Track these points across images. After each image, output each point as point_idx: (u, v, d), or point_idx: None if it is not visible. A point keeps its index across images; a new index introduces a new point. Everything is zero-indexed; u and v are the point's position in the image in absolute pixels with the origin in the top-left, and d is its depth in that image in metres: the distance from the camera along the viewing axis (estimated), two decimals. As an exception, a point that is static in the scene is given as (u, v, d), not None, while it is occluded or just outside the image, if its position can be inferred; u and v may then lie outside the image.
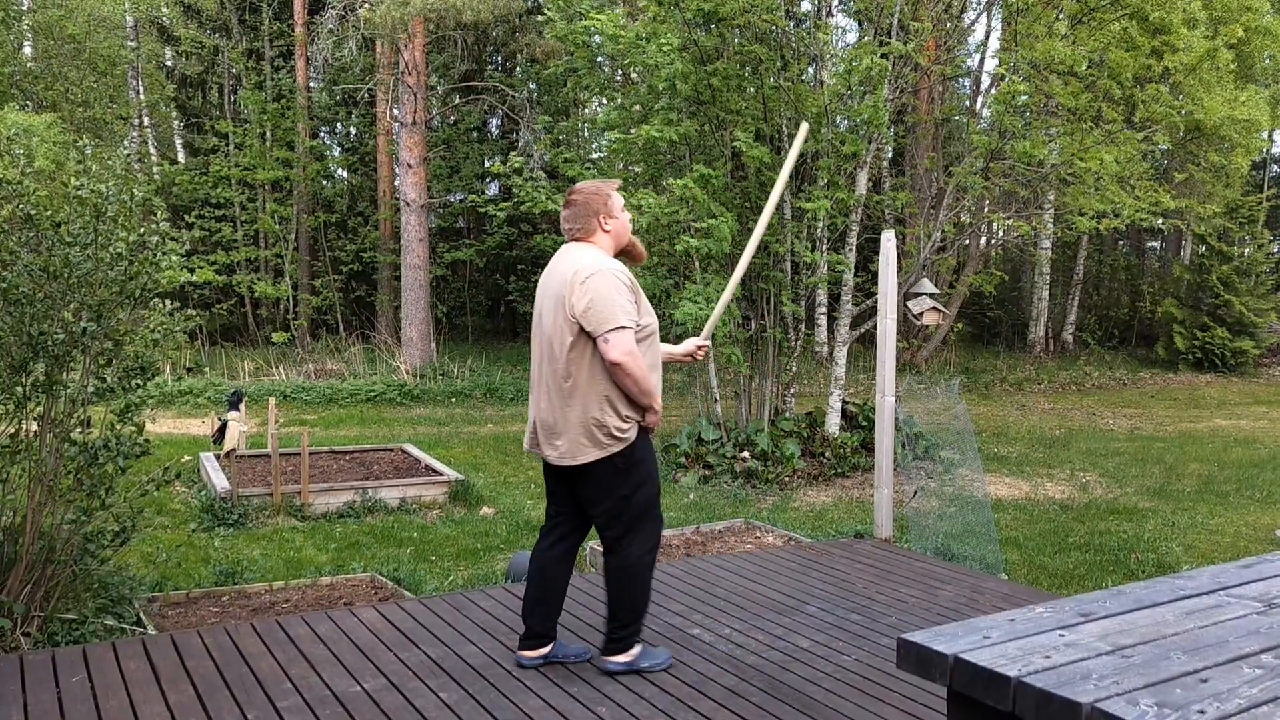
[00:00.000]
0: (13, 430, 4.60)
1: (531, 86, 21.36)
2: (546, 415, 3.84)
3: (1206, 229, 20.76)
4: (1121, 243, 26.67)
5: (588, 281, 3.69)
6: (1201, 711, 1.44)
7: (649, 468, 3.90)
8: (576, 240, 3.93)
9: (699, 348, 4.40)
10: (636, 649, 3.98)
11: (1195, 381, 19.51)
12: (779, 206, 10.15)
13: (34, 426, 4.66)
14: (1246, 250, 21.86)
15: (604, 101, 11.48)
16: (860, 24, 20.61)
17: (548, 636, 4.05)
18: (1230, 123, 12.76)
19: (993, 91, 11.25)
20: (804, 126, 4.65)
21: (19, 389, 4.56)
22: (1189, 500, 8.96)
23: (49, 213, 4.59)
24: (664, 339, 4.44)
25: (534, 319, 3.97)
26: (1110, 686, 1.52)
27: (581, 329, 3.69)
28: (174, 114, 23.55)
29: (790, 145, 4.70)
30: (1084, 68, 10.20)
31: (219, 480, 7.99)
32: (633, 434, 3.79)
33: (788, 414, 10.41)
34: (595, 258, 3.79)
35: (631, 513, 3.85)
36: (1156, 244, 27.47)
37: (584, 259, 3.78)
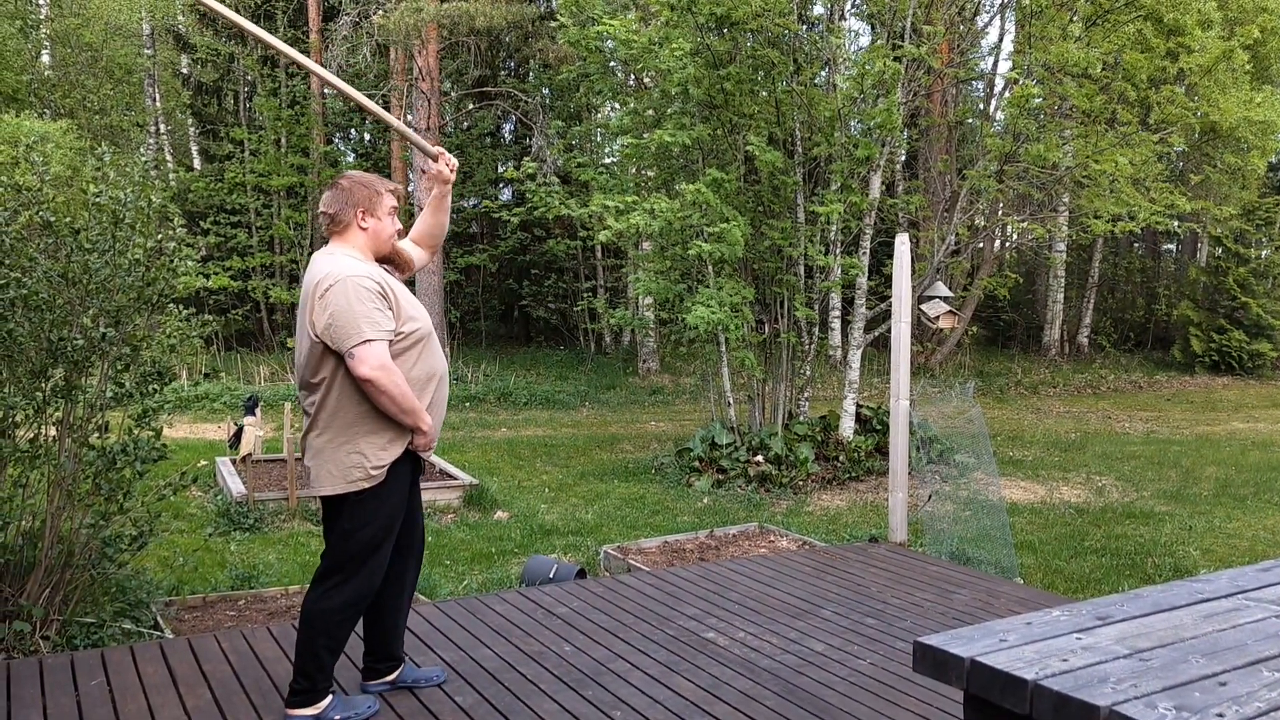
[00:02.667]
0: (32, 435, 4.63)
1: (544, 92, 21.41)
2: (302, 438, 3.51)
3: (1223, 231, 20.65)
4: (1137, 245, 26.55)
5: (327, 294, 3.28)
6: (1220, 715, 1.44)
7: (387, 513, 3.45)
8: (331, 235, 3.53)
9: (446, 164, 3.83)
10: (326, 700, 3.47)
11: (1212, 384, 19.39)
12: (793, 208, 10.15)
13: (53, 431, 4.69)
14: (1264, 252, 21.73)
15: (617, 106, 11.51)
16: (873, 27, 20.60)
17: (393, 661, 3.79)
18: (1246, 124, 12.70)
19: (1006, 94, 11.22)
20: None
21: (38, 394, 4.60)
22: (1206, 504, 8.90)
23: (67, 219, 4.63)
24: (677, 342, 4.43)
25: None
26: (1128, 690, 1.51)
27: (327, 347, 3.30)
28: (189, 121, 23.70)
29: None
30: (1098, 70, 10.16)
31: (235, 484, 8.02)
32: (382, 475, 3.38)
33: (801, 418, 10.40)
34: (340, 264, 3.35)
35: (348, 553, 3.41)
36: (1172, 246, 27.33)
37: (326, 267, 3.36)
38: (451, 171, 3.84)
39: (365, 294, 3.29)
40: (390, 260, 3.65)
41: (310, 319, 3.32)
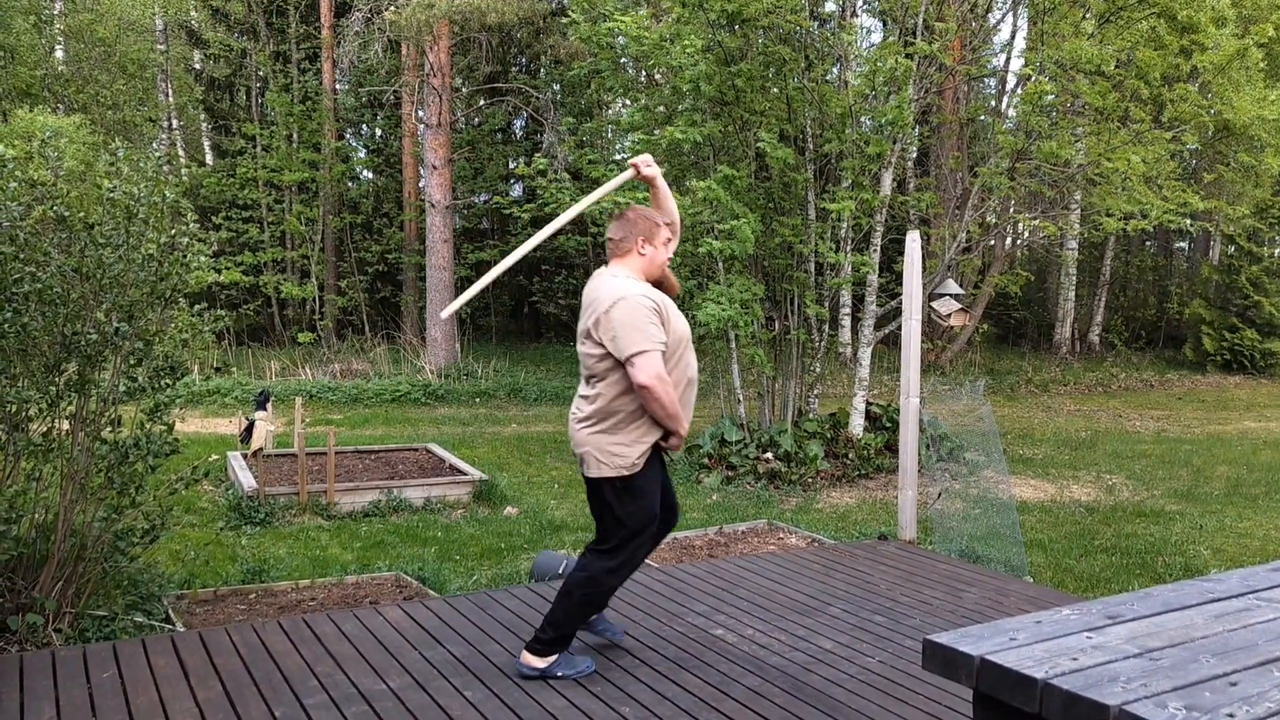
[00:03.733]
0: (45, 429, 4.66)
1: (555, 88, 21.41)
2: (573, 426, 4.02)
3: (1236, 229, 20.54)
4: (1149, 243, 26.43)
5: (613, 309, 3.78)
6: (1231, 715, 1.44)
7: (649, 497, 3.95)
8: (614, 257, 4.06)
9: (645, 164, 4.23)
10: (554, 657, 3.96)
11: (1224, 383, 19.31)
12: (804, 205, 10.13)
13: (66, 425, 4.72)
14: (1277, 251, 21.61)
15: (628, 103, 11.50)
16: (885, 24, 20.53)
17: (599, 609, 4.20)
18: (1260, 122, 12.62)
19: (1019, 91, 11.19)
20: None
21: (52, 388, 4.62)
22: (1217, 503, 8.87)
23: (81, 214, 4.65)
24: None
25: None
26: (1138, 689, 1.51)
27: (608, 353, 3.81)
28: (202, 116, 23.77)
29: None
30: (1111, 67, 10.12)
31: (246, 479, 8.06)
32: (641, 464, 3.88)
33: (811, 415, 10.39)
34: (623, 284, 3.88)
35: (619, 533, 3.94)
36: (1184, 244, 27.21)
37: (612, 286, 3.88)
38: (645, 165, 4.24)
39: (645, 311, 3.81)
40: (659, 284, 4.12)
41: (597, 329, 3.84)
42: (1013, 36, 22.84)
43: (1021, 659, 1.63)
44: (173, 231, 4.85)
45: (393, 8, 16.12)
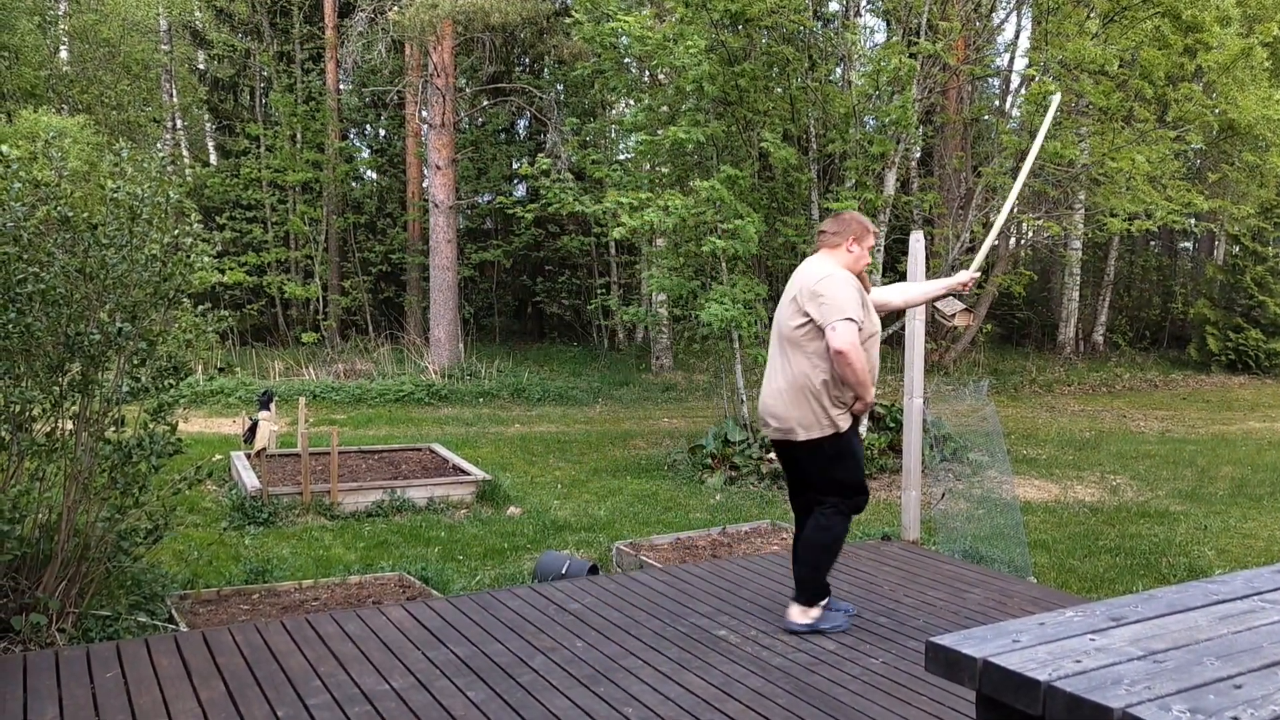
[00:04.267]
0: (49, 429, 4.66)
1: (559, 88, 21.41)
2: (771, 398, 4.44)
3: (1240, 229, 20.49)
4: (1153, 243, 26.38)
5: (823, 281, 4.27)
6: (1235, 718, 1.43)
7: (855, 451, 4.47)
8: (824, 248, 4.52)
9: (971, 279, 4.89)
10: (823, 603, 4.49)
11: (1228, 383, 19.28)
12: (807, 205, 10.13)
13: (69, 425, 4.72)
14: (1282, 251, 21.55)
15: (631, 103, 11.50)
16: (888, 24, 20.51)
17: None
18: (1265, 122, 12.59)
19: (1023, 91, 11.17)
20: (1056, 99, 5.49)
21: (55, 388, 4.63)
22: (1221, 504, 8.85)
23: (85, 214, 4.65)
24: (690, 339, 4.74)
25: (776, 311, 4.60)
26: (1142, 691, 1.51)
27: (810, 320, 4.26)
28: (206, 116, 23.79)
29: (1044, 126, 5.43)
30: (1115, 67, 10.10)
31: (249, 479, 8.06)
32: (844, 422, 4.34)
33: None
34: (833, 268, 4.38)
35: (839, 488, 4.42)
36: (1189, 244, 27.15)
37: (825, 266, 4.39)
38: (967, 284, 4.95)
39: (851, 289, 4.29)
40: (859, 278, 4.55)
41: (804, 297, 4.29)
42: (1016, 36, 22.82)
43: (1024, 661, 1.62)
44: (176, 232, 4.85)
45: (396, 8, 16.13)
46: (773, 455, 9.42)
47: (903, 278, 6.83)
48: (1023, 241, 21.42)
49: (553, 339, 23.54)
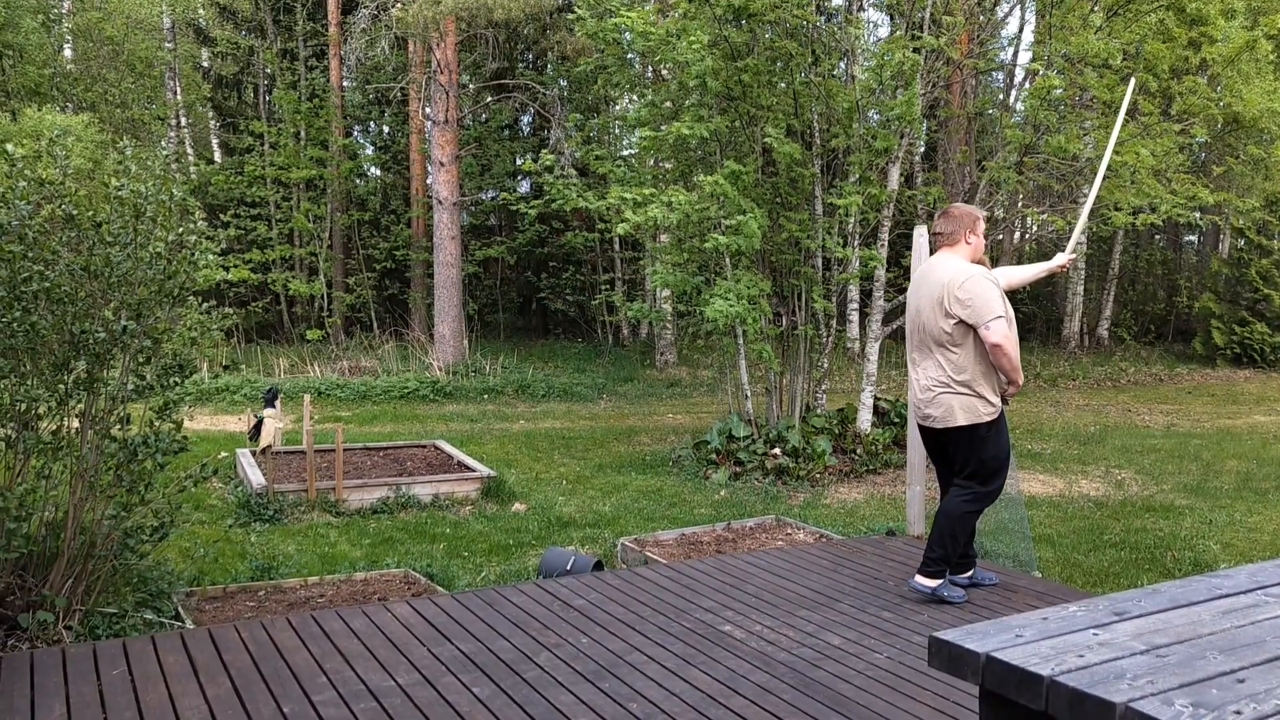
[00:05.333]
0: (55, 427, 4.68)
1: (562, 84, 21.40)
2: (925, 392, 4.77)
3: (1245, 223, 20.43)
4: (1158, 237, 26.32)
5: (966, 284, 4.59)
6: (1238, 712, 1.43)
7: (1005, 438, 4.81)
8: (944, 247, 4.84)
9: (1069, 260, 5.34)
10: (941, 579, 4.84)
11: (1233, 377, 19.23)
12: (811, 200, 10.12)
13: (75, 423, 4.74)
14: (1287, 244, 21.49)
15: (634, 98, 11.49)
16: (892, 18, 20.47)
17: (969, 560, 5.08)
18: (1270, 115, 12.56)
19: (1027, 86, 11.14)
20: (1132, 82, 5.78)
21: (61, 386, 4.64)
22: (1227, 498, 8.84)
23: (89, 212, 4.66)
24: (694, 335, 4.83)
25: (909, 312, 4.92)
26: (1145, 686, 1.51)
27: (962, 322, 4.59)
28: (210, 114, 23.81)
29: (1123, 105, 5.80)
30: (1119, 60, 10.07)
31: (255, 476, 8.08)
32: (998, 411, 4.71)
33: (819, 410, 10.38)
34: (965, 264, 4.70)
35: (985, 471, 4.77)
36: (1194, 238, 27.08)
37: (957, 266, 4.69)
38: (1065, 266, 5.43)
39: (992, 286, 4.63)
40: (979, 263, 4.86)
41: (946, 301, 4.61)
42: (1020, 30, 22.76)
43: (1027, 656, 1.62)
44: (181, 229, 4.86)
45: (399, 4, 16.13)
46: (777, 450, 9.44)
47: (906, 273, 6.82)
48: (1027, 236, 21.39)
49: (557, 335, 23.54)
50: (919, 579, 4.85)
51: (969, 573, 5.08)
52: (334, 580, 5.73)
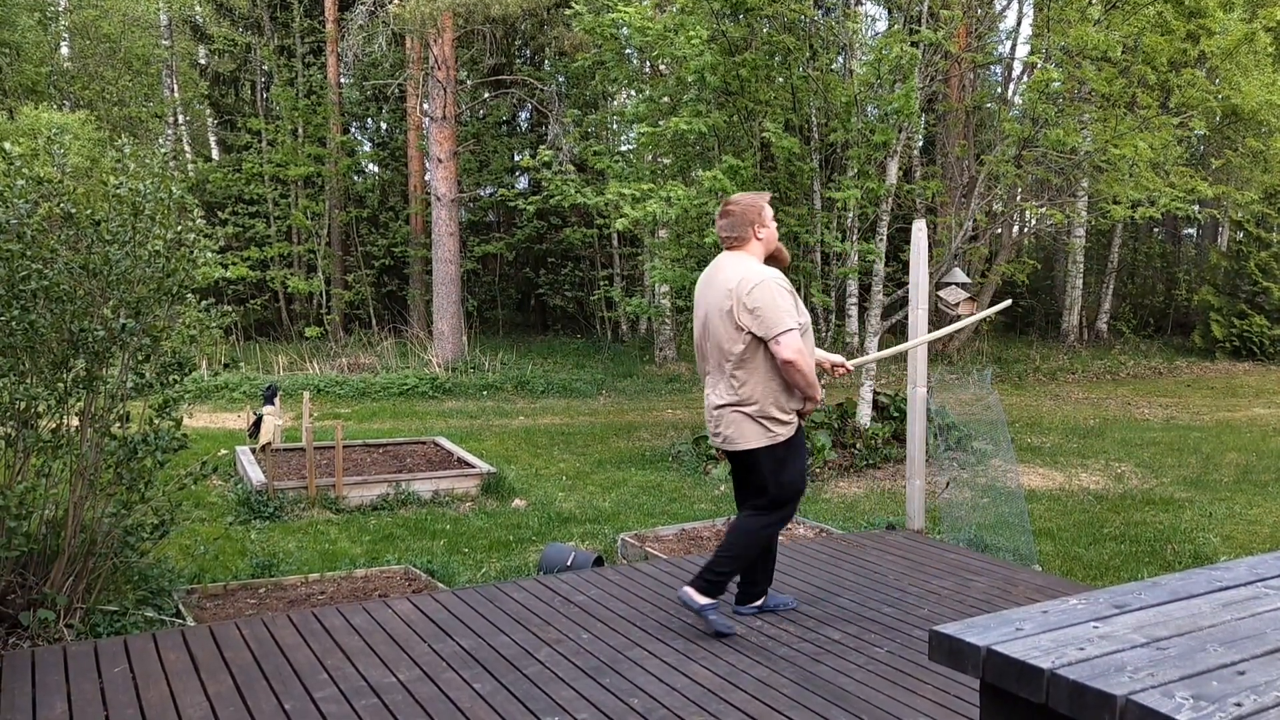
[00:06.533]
0: (54, 425, 4.68)
1: (560, 80, 21.39)
2: (715, 410, 4.33)
3: (1244, 215, 20.44)
4: (1157, 230, 26.32)
5: (753, 292, 4.11)
6: (1239, 704, 1.43)
7: (802, 459, 4.40)
8: (732, 249, 4.35)
9: (841, 366, 4.83)
10: (716, 600, 4.36)
11: (1233, 370, 19.24)
12: (810, 195, 10.11)
13: (75, 422, 4.73)
14: (1286, 237, 21.49)
15: (633, 94, 11.49)
16: (890, 12, 20.45)
17: (759, 590, 4.61)
18: (1269, 107, 12.54)
19: (1025, 79, 11.13)
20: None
21: (60, 385, 4.64)
22: (1226, 490, 8.85)
23: (88, 211, 4.66)
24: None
25: (696, 323, 4.43)
26: (1145, 679, 1.51)
27: (752, 334, 4.12)
28: (207, 111, 23.80)
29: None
30: (1118, 53, 10.06)
31: (255, 474, 8.08)
32: (792, 429, 4.29)
33: (818, 405, 10.37)
34: (754, 267, 4.22)
35: (781, 494, 4.34)
36: (1193, 231, 27.09)
37: (744, 270, 4.20)
38: (839, 374, 4.90)
39: (784, 292, 4.16)
40: (774, 256, 4.45)
41: (738, 310, 4.13)
42: (1018, 23, 22.75)
43: (1028, 649, 1.63)
44: (179, 227, 4.85)
45: (396, 1, 16.10)
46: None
47: (905, 267, 6.82)
48: (1026, 229, 21.39)
49: (556, 331, 23.54)
50: (691, 591, 4.34)
51: (758, 601, 4.64)
52: (334, 577, 5.74)
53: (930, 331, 5.65)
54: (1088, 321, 22.90)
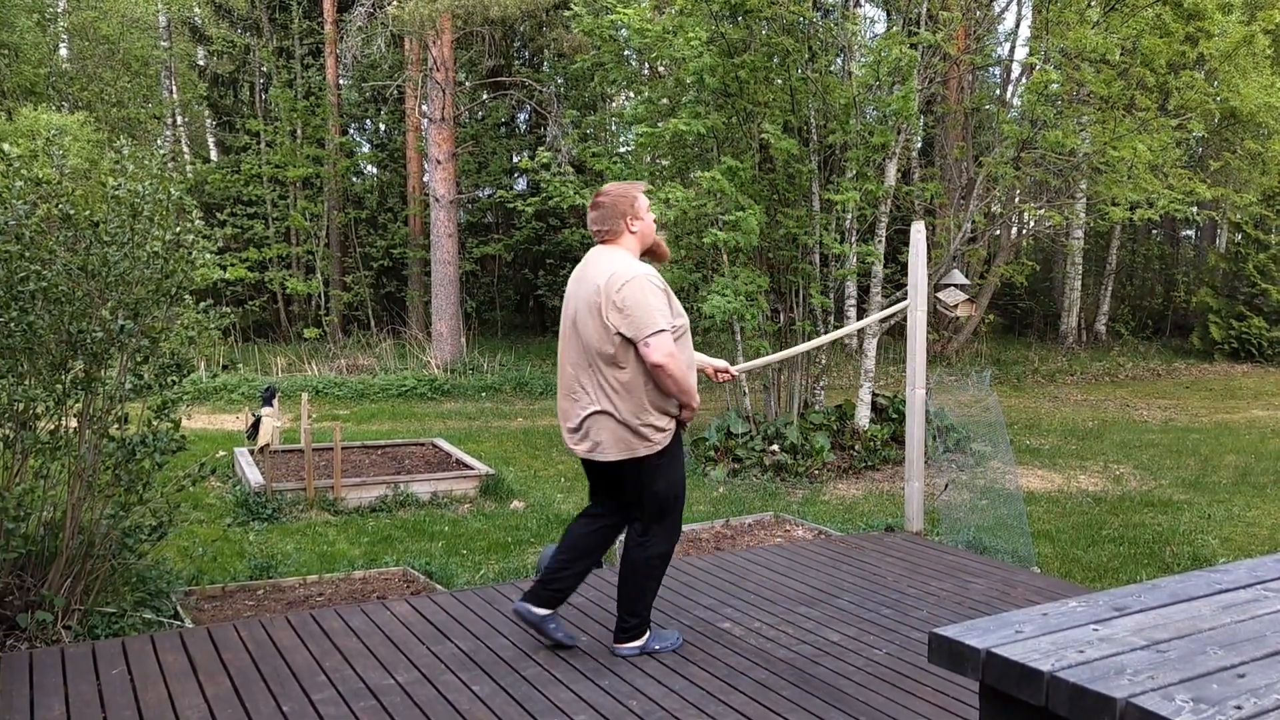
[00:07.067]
0: (53, 427, 4.67)
1: (559, 81, 21.39)
2: (580, 415, 3.96)
3: (1242, 217, 20.46)
4: (1155, 231, 26.33)
5: (623, 289, 3.80)
6: (1238, 707, 1.43)
7: (679, 467, 4.05)
8: (604, 242, 4.03)
9: (725, 372, 4.57)
10: (646, 634, 4.12)
11: (1231, 371, 19.25)
12: (809, 196, 10.12)
13: (73, 423, 4.73)
14: (1284, 238, 21.51)
15: (631, 95, 11.49)
16: (889, 14, 20.47)
17: (555, 601, 4.14)
18: (1267, 109, 12.57)
19: (1024, 81, 11.14)
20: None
21: (59, 386, 4.63)
22: (1225, 492, 8.85)
23: (86, 212, 4.65)
24: (693, 332, 4.54)
25: (564, 320, 4.04)
26: (1145, 681, 1.51)
27: (622, 335, 3.80)
28: (206, 113, 23.79)
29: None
30: (1116, 55, 10.07)
31: (253, 475, 8.07)
32: (668, 437, 3.95)
33: (817, 407, 10.38)
34: (626, 263, 3.90)
35: (660, 509, 4.00)
36: (1191, 232, 27.11)
37: (615, 265, 3.88)
38: (723, 378, 4.65)
39: (656, 291, 3.85)
40: (651, 251, 4.16)
41: (606, 309, 3.81)
42: (1017, 25, 22.78)
43: (1028, 652, 1.63)
44: (178, 229, 4.85)
45: (395, 2, 16.10)
46: (775, 447, 9.44)
47: (904, 269, 6.82)
48: (1024, 231, 21.40)
49: (555, 332, 23.50)
50: (620, 647, 4.09)
51: (549, 610, 4.23)
52: (333, 579, 5.73)
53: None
54: (1086, 323, 22.91)
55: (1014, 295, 23.57)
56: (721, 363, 4.60)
